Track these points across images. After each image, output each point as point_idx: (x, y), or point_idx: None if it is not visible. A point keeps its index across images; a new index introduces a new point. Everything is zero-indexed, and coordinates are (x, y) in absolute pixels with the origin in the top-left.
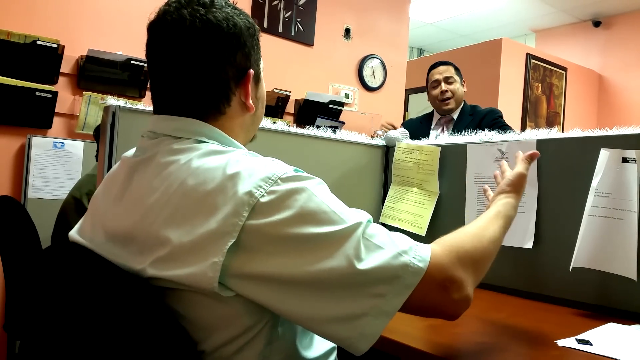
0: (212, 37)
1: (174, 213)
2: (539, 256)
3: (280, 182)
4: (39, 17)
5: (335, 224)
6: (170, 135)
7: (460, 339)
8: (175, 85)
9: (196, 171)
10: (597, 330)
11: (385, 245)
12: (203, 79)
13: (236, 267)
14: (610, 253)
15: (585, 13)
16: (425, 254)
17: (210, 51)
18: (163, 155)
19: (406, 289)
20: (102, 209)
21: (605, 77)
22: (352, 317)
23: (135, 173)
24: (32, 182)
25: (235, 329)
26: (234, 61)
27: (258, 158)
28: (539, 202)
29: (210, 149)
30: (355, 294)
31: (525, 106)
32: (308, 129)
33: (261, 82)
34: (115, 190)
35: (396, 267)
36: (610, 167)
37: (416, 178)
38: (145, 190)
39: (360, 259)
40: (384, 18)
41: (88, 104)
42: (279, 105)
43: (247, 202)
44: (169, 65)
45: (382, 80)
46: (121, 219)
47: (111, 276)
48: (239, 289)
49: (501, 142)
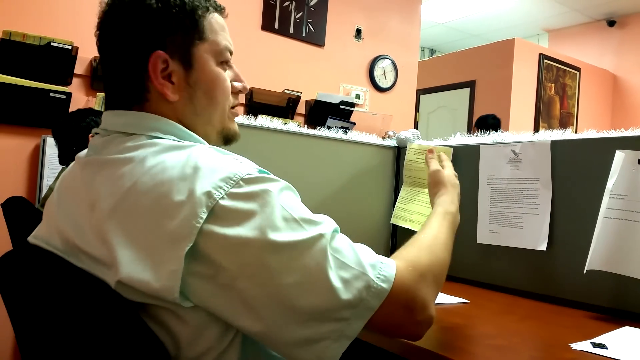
0: (118, 17)
1: (127, 215)
2: (553, 258)
3: (243, 183)
4: (53, 19)
5: (297, 233)
6: (122, 132)
7: (472, 341)
8: (103, 78)
9: (151, 170)
10: (612, 334)
11: (350, 261)
12: (115, 64)
13: (194, 276)
14: (626, 255)
15: (599, 12)
16: (390, 273)
17: (121, 34)
18: (117, 153)
19: (368, 311)
20: (55, 211)
21: (620, 78)
22: (312, 341)
23: (88, 174)
24: (46, 182)
25: (206, 340)
26: (139, 42)
27: (220, 155)
28: (553, 203)
29: (167, 144)
30: (319, 317)
31: (538, 107)
32: (319, 129)
33: (198, 66)
34: (70, 193)
35: (359, 288)
36: (625, 169)
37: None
38: (100, 191)
39: (330, 269)
40: (395, 18)
41: (101, 105)
42: (290, 106)
43: (205, 203)
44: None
45: (393, 80)
46: (76, 225)
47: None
48: (196, 298)
49: (515, 142)
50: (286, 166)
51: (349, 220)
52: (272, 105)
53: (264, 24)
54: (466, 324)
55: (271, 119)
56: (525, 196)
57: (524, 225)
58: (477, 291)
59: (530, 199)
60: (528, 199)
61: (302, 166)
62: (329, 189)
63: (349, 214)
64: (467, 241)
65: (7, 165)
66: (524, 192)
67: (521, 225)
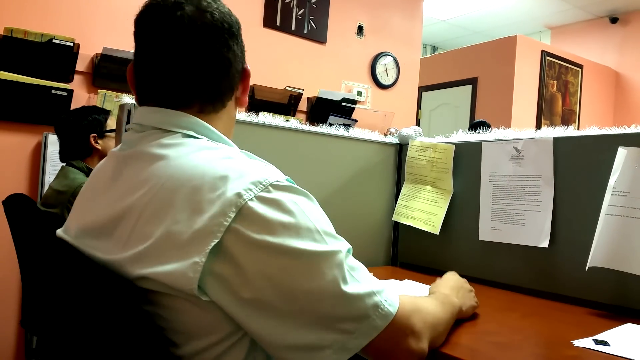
0: (213, 34)
1: (159, 209)
2: (554, 255)
3: (272, 189)
4: (54, 16)
5: (319, 244)
6: (158, 128)
7: (474, 338)
8: (178, 78)
9: (184, 167)
10: (614, 331)
11: (362, 280)
12: (215, 72)
13: (215, 271)
14: (628, 252)
15: (601, 9)
16: (395, 299)
17: (216, 47)
18: (152, 149)
19: (373, 331)
20: (85, 203)
21: (622, 75)
22: (314, 348)
23: (124, 167)
24: (48, 179)
25: (215, 335)
26: (238, 56)
27: (250, 160)
28: (555, 200)
29: (200, 144)
30: (326, 325)
31: (541, 104)
32: (321, 127)
33: (245, 81)
34: (101, 184)
35: (368, 306)
36: (628, 166)
37: (430, 176)
38: (133, 183)
39: (345, 282)
40: (397, 15)
41: (103, 102)
42: (292, 103)
43: (234, 203)
44: (171, 57)
45: (395, 77)
46: (104, 210)
47: (88, 274)
48: (213, 294)
49: (517, 139)
50: (288, 163)
51: (351, 217)
52: (274, 103)
53: (266, 20)
54: (468, 321)
55: (273, 116)
56: (527, 193)
57: (525, 222)
58: (478, 288)
59: (532, 196)
60: (530, 196)
61: (303, 163)
62: (331, 186)
63: (351, 211)
64: (469, 238)
65: (9, 163)
66: (526, 189)
67: (523, 222)
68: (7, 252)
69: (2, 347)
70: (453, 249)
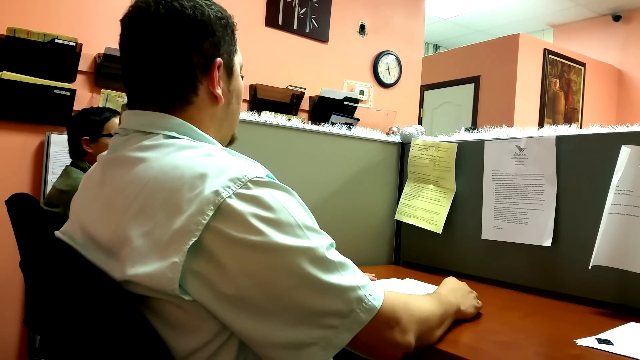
0: (175, 22)
1: (140, 211)
2: (557, 254)
3: (251, 185)
4: (57, 16)
5: (300, 239)
6: (140, 131)
7: (477, 337)
8: (142, 76)
9: (164, 168)
10: (617, 330)
11: (345, 274)
12: (167, 66)
13: (195, 270)
14: (631, 251)
15: (604, 7)
16: (379, 293)
17: (173, 37)
18: (132, 152)
19: (357, 325)
20: (80, 209)
21: (625, 73)
22: (300, 345)
23: (107, 172)
24: (51, 179)
25: (203, 335)
26: (199, 48)
27: (230, 156)
28: (558, 199)
29: (180, 144)
30: (310, 321)
31: (543, 102)
32: (323, 125)
33: (235, 76)
34: (91, 190)
35: (352, 299)
36: (631, 164)
37: (432, 175)
38: (115, 189)
39: (327, 276)
40: (399, 14)
41: (105, 102)
42: (294, 102)
43: (212, 201)
44: (135, 54)
45: (397, 76)
46: (95, 219)
47: (89, 278)
48: (195, 293)
49: (519, 138)
50: (290, 162)
51: (353, 216)
52: (276, 102)
53: (268, 19)
54: (470, 320)
55: (275, 115)
56: (530, 192)
57: (528, 221)
58: (481, 287)
59: (535, 195)
60: (533, 195)
61: (306, 162)
62: (333, 185)
63: (353, 210)
64: (472, 237)
65: (12, 162)
66: (529, 188)
67: (526, 221)
68: (10, 251)
69: (6, 346)
70: (456, 248)
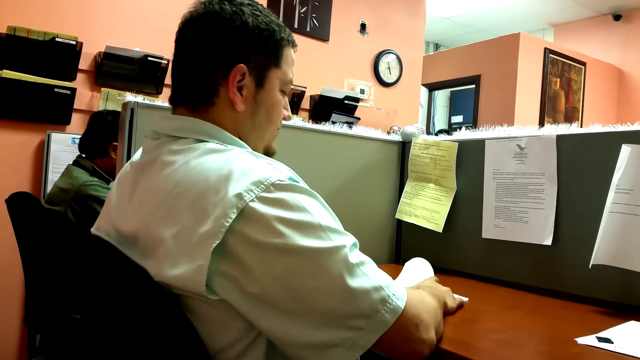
0: (208, 23)
1: (168, 214)
2: (558, 253)
3: (273, 188)
4: (57, 14)
5: (323, 240)
6: (171, 135)
7: (477, 336)
8: (174, 72)
9: (191, 172)
10: (618, 329)
11: (369, 274)
12: (192, 64)
13: (221, 271)
14: (631, 250)
15: (604, 6)
16: (402, 293)
17: (203, 37)
18: (163, 156)
19: (383, 326)
20: (114, 209)
21: (626, 72)
22: (326, 346)
23: (141, 175)
24: (51, 178)
25: (233, 332)
26: (227, 52)
27: (253, 159)
28: (559, 198)
29: (208, 148)
30: (335, 323)
31: (544, 101)
32: (323, 124)
33: (267, 88)
34: (125, 192)
35: (376, 300)
36: (631, 163)
37: (433, 174)
38: (148, 192)
39: (351, 277)
40: (399, 13)
41: (106, 101)
42: (294, 101)
43: (235, 205)
44: (175, 51)
45: (397, 75)
46: (128, 221)
47: (134, 274)
48: (223, 293)
49: (520, 137)
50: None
51: (354, 215)
52: None
53: None
54: (471, 318)
55: None
56: (530, 191)
57: (529, 219)
58: (482, 286)
59: (536, 194)
60: (533, 194)
61: (306, 161)
62: (333, 184)
63: (354, 209)
64: (472, 236)
65: (12, 161)
66: (530, 187)
67: (526, 220)
68: (10, 250)
69: (6, 345)
70: (456, 247)
